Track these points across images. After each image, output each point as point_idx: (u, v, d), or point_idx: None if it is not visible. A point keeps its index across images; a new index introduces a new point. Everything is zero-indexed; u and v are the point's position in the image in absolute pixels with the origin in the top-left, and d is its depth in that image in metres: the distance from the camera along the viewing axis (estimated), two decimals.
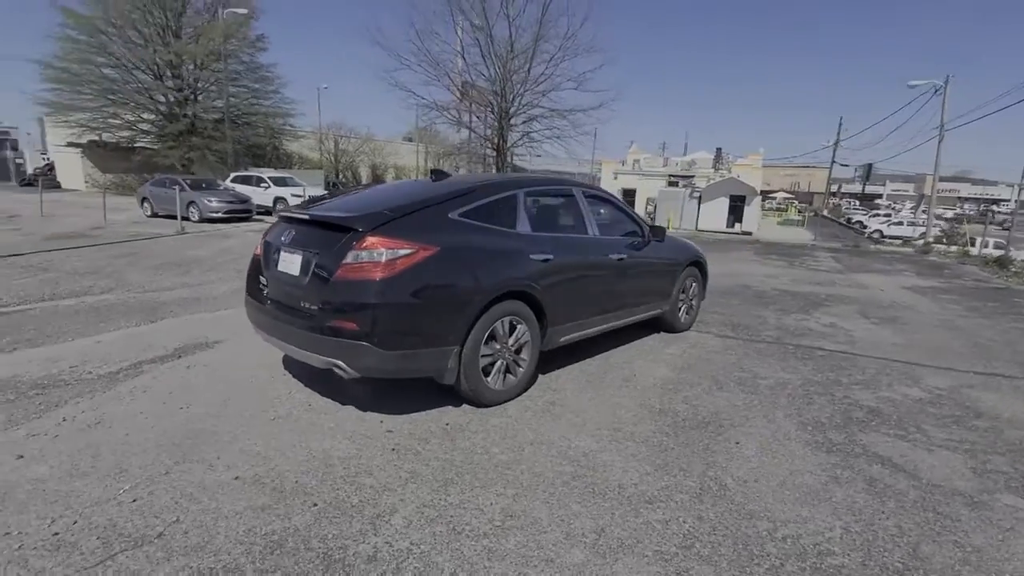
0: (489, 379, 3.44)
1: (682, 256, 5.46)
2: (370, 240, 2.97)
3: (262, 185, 19.21)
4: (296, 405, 3.37)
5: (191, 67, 27.79)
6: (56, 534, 2.08)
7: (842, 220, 42.44)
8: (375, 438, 2.99)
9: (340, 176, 44.56)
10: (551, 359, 4.32)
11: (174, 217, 13.87)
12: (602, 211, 4.74)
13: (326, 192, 16.19)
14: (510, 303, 3.49)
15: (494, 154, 21.01)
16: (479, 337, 3.29)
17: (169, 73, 27.15)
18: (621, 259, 4.48)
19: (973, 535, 2.36)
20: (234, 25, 26.75)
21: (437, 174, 4.02)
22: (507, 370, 3.58)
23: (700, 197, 23.81)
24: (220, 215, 15.82)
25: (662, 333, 5.50)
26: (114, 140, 28.01)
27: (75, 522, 2.16)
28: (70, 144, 27.95)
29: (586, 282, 4.17)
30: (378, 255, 2.94)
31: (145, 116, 27.41)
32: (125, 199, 20.89)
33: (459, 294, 3.17)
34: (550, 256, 3.77)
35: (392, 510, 2.34)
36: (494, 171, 21.49)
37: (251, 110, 29.56)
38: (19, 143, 44.75)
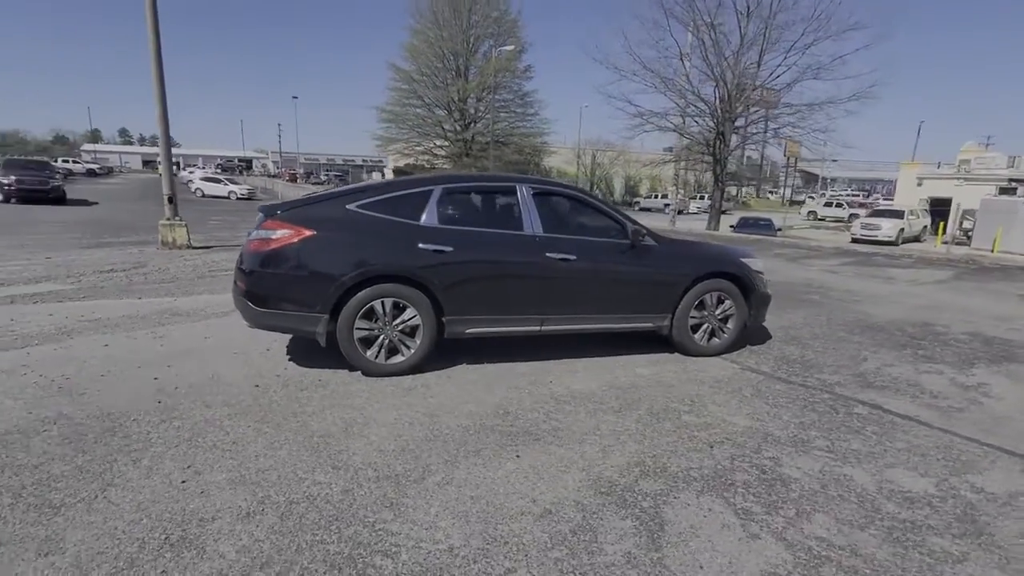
0: (369, 352, 3.89)
1: (693, 266, 4.60)
2: (267, 223, 3.83)
3: None
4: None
5: (473, 100, 33.93)
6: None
7: None
8: (269, 383, 3.82)
9: (593, 188, 47.05)
10: (485, 350, 4.44)
11: None
12: (561, 211, 4.50)
13: None
14: (392, 286, 3.85)
15: (711, 160, 19.20)
16: (353, 311, 3.79)
17: (456, 108, 33.75)
18: (567, 260, 4.21)
19: None
20: (502, 61, 31.52)
21: (398, 172, 4.61)
22: (392, 347, 3.95)
23: None
24: None
25: (675, 354, 4.75)
26: (419, 163, 36.37)
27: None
28: (396, 168, 37.55)
29: (503, 278, 4.13)
30: (266, 234, 3.78)
31: (438, 143, 34.74)
32: None
33: (326, 269, 3.74)
34: (448, 248, 3.95)
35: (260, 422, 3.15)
36: (712, 177, 19.72)
37: (511, 131, 34.16)
38: (384, 168, 61.92)
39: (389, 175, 38.91)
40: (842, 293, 8.11)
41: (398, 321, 3.92)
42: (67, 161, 46.99)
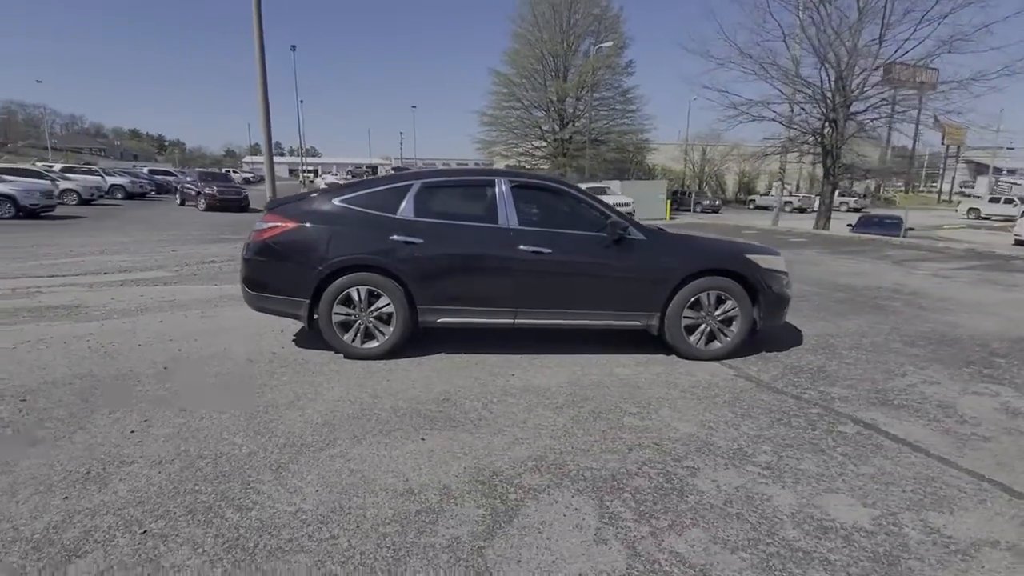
0: (346, 336, 4.20)
1: (684, 262, 4.27)
2: (265, 216, 4.30)
3: None
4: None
5: (571, 100, 33.80)
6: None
7: None
8: (262, 359, 4.31)
9: (703, 185, 44.40)
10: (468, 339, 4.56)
11: None
12: (541, 204, 4.43)
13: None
14: (366, 275, 4.12)
15: (819, 151, 17.02)
16: (331, 297, 4.13)
17: (554, 108, 33.85)
18: (540, 253, 4.17)
19: None
20: (602, 58, 30.99)
21: (398, 170, 4.88)
22: (367, 333, 4.23)
23: None
24: None
25: (671, 356, 4.47)
26: (518, 164, 37.06)
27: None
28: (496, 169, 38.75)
29: (474, 270, 4.20)
30: (261, 226, 4.25)
31: (535, 144, 35.11)
32: None
33: (307, 258, 4.10)
34: (419, 240, 4.13)
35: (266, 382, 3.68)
36: (822, 170, 17.54)
37: (610, 129, 33.44)
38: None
39: None
40: (934, 301, 6.90)
41: (373, 308, 4.18)
42: (228, 171, 55.05)
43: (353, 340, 4.21)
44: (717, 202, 36.40)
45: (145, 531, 2.10)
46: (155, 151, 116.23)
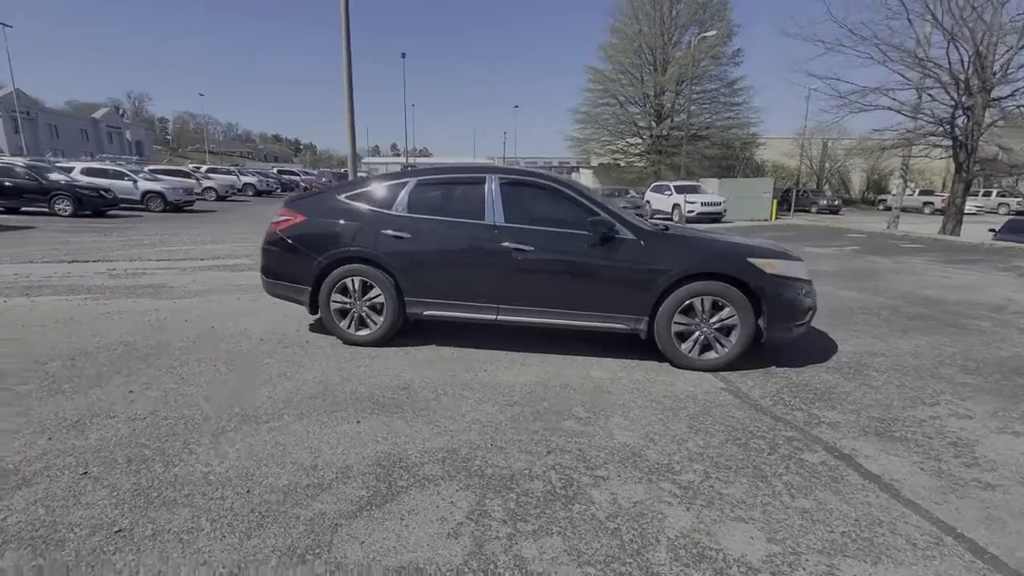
0: (343, 323, 4.53)
1: (676, 264, 4.00)
2: (280, 210, 4.76)
3: (665, 192, 21.11)
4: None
5: (670, 95, 32.32)
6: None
7: None
8: (272, 339, 4.79)
9: (822, 183, 40.25)
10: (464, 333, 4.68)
11: None
12: (529, 201, 4.37)
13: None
14: (360, 266, 4.40)
15: (948, 143, 14.45)
16: (330, 286, 4.47)
17: (651, 103, 32.60)
18: (523, 250, 4.16)
19: None
20: (704, 48, 29.24)
21: (406, 167, 5.11)
22: (361, 321, 4.51)
23: None
24: None
25: (664, 364, 4.24)
26: (613, 161, 36.30)
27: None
28: (586, 166, 38.25)
29: (458, 265, 4.29)
30: (276, 219, 4.70)
31: (630, 140, 34.08)
32: None
33: (309, 250, 4.47)
34: (407, 234, 4.32)
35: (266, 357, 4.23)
36: (953, 167, 14.94)
37: (709, 124, 31.47)
38: (578, 167, 63.64)
39: (583, 178, 39.71)
40: None
41: (366, 298, 4.45)
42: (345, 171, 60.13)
43: (348, 327, 4.52)
44: (837, 202, 32.77)
45: (86, 472, 2.49)
46: (292, 153, 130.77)
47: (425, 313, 4.41)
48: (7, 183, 15.73)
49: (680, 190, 20.55)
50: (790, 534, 2.19)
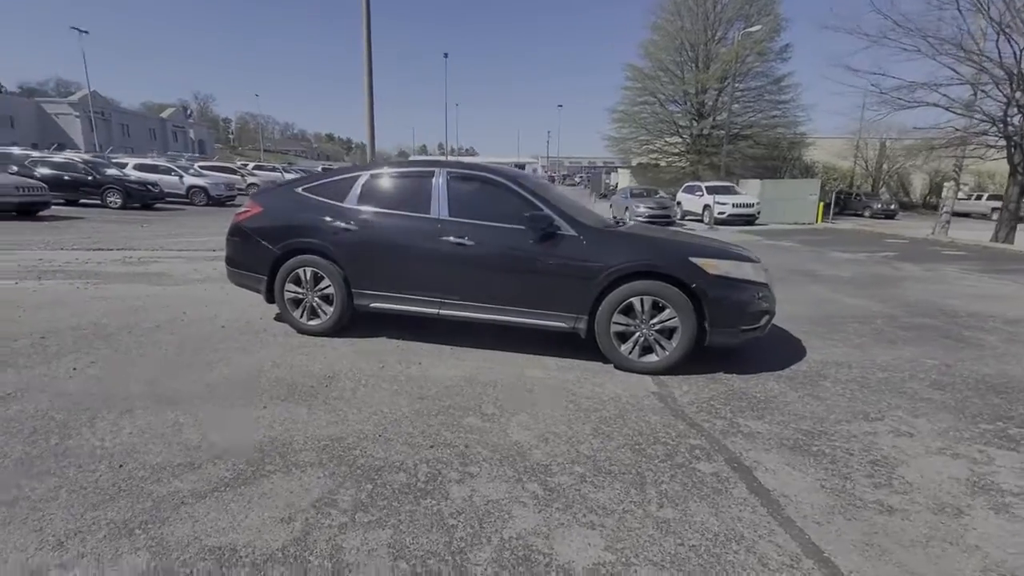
0: (296, 312, 4.64)
1: (613, 261, 3.86)
2: (247, 201, 4.92)
3: (696, 193, 20.44)
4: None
5: (712, 92, 31.19)
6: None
7: None
8: (232, 325, 4.97)
9: (878, 186, 37.91)
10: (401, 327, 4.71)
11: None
12: (475, 196, 4.32)
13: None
14: (310, 257, 4.50)
15: (1003, 143, 13.15)
16: (284, 276, 4.59)
17: (692, 101, 31.58)
18: (464, 245, 4.13)
19: None
20: (750, 44, 28.06)
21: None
22: (313, 311, 4.61)
23: None
24: (643, 219, 18.44)
25: (608, 366, 4.12)
26: (650, 161, 35.41)
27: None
28: (624, 166, 37.52)
29: (401, 258, 4.30)
30: (239, 209, 4.87)
31: (669, 140, 33.13)
32: None
33: (263, 240, 4.60)
34: (353, 227, 4.38)
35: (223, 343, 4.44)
36: (1012, 167, 13.60)
37: (752, 123, 30.18)
38: (615, 168, 62.26)
39: (621, 177, 38.96)
40: None
41: (318, 289, 4.54)
42: None
43: (301, 316, 4.63)
44: (893, 206, 30.67)
45: None
46: (344, 152, 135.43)
47: (371, 305, 4.46)
48: (66, 177, 17.02)
49: (712, 191, 19.82)
50: (633, 544, 2.08)
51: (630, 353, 3.96)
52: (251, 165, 31.91)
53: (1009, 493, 2.51)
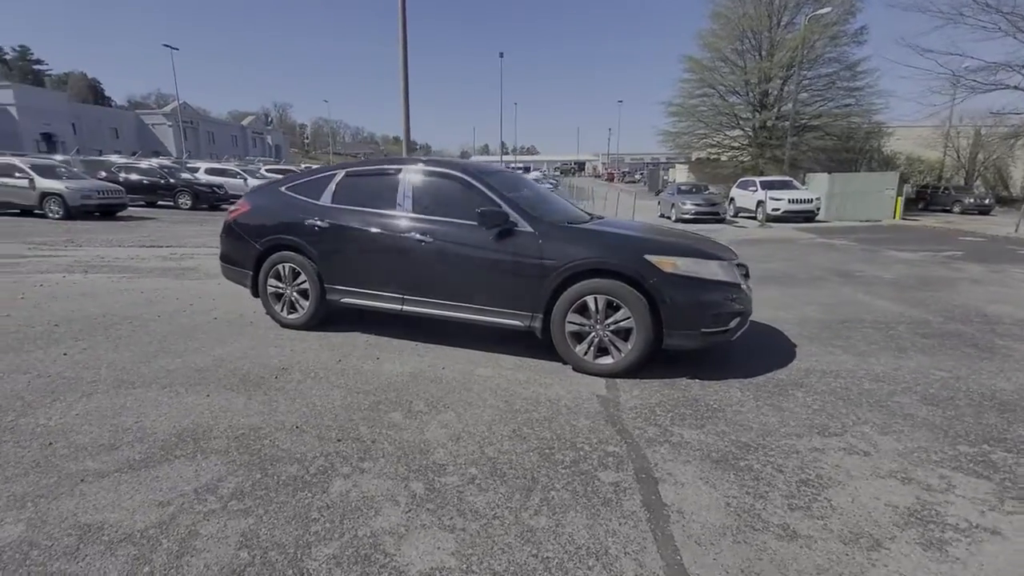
0: (277, 306, 4.84)
1: (566, 258, 3.72)
2: (238, 200, 5.19)
3: (750, 188, 19.33)
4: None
5: (777, 81, 29.32)
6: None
7: None
8: (224, 317, 5.26)
9: (972, 178, 34.20)
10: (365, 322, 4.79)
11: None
12: (438, 192, 4.29)
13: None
14: (289, 253, 4.68)
15: None
16: (266, 271, 4.81)
17: (755, 92, 29.86)
18: (423, 241, 4.14)
19: None
20: (819, 28, 26.14)
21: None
22: (291, 305, 4.79)
23: None
24: (689, 216, 17.69)
25: (566, 367, 3.99)
26: (710, 156, 33.87)
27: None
28: (682, 162, 36.15)
29: (366, 254, 4.37)
30: (231, 208, 5.14)
31: (730, 133, 31.51)
32: None
33: (249, 236, 4.83)
34: (325, 224, 4.50)
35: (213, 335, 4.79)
36: None
37: (820, 112, 28.07)
38: (670, 164, 59.77)
39: (678, 173, 37.68)
40: None
41: (295, 283, 4.72)
42: None
43: (282, 310, 4.82)
44: (988, 200, 27.51)
45: None
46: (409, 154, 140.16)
47: (342, 300, 4.57)
48: (145, 181, 18.74)
49: (766, 186, 18.66)
50: (484, 551, 1.99)
51: (585, 354, 3.81)
52: (315, 166, 33.61)
53: (952, 528, 2.17)
